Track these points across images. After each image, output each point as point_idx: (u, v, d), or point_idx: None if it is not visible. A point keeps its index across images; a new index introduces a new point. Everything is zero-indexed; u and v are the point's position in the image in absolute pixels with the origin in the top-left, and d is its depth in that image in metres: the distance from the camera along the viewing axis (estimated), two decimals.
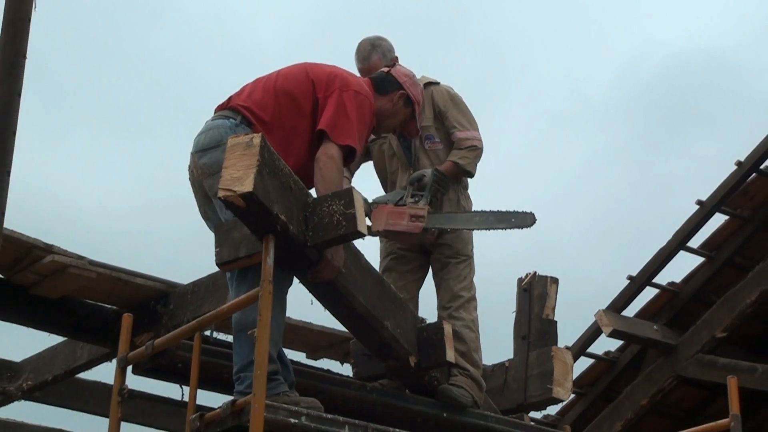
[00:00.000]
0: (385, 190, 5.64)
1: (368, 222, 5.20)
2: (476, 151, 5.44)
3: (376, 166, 5.71)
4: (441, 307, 5.41)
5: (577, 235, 23.46)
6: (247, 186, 3.74)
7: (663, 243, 8.22)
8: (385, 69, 5.04)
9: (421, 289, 5.59)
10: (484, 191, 5.76)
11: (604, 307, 8.19)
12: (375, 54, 5.44)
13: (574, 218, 23.83)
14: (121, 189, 23.97)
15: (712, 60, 25.73)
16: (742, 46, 27.14)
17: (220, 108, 4.66)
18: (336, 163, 4.41)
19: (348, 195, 4.09)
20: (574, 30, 27.69)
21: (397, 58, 5.46)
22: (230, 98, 4.67)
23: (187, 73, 26.21)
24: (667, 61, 26.29)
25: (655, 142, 24.93)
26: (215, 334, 4.88)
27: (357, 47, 5.56)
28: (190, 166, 4.60)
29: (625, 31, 28.12)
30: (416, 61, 5.40)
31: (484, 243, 5.71)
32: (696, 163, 23.54)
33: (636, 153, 25.51)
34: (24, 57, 4.02)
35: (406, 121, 5.01)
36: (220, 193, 3.79)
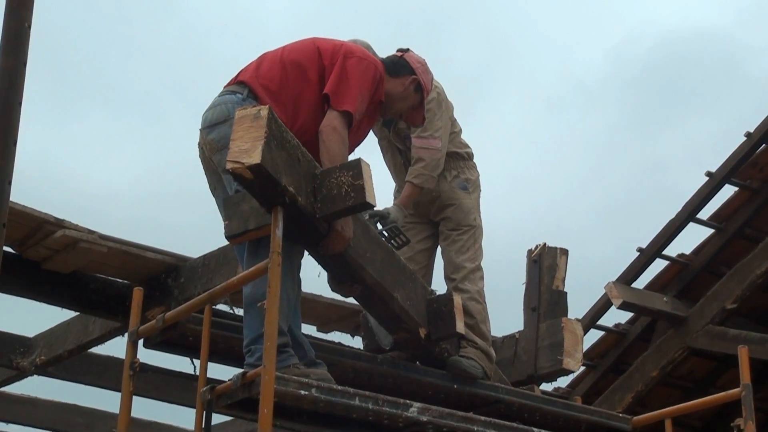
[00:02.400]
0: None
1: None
2: (423, 162, 5.33)
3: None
4: (446, 278, 5.42)
5: (582, 211, 23.51)
6: (255, 158, 3.74)
7: (671, 215, 8.22)
8: (399, 53, 5.03)
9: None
10: (483, 174, 5.76)
11: (614, 279, 8.20)
12: None
13: (576, 197, 23.91)
14: (131, 176, 24.04)
15: (706, 38, 25.73)
16: (736, 24, 27.14)
17: (228, 85, 4.69)
18: (339, 134, 4.41)
19: (356, 166, 4.09)
20: (567, 12, 27.67)
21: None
22: (237, 74, 4.70)
23: (198, 62, 26.29)
24: (662, 40, 26.29)
25: (650, 121, 24.98)
26: (224, 308, 4.91)
27: None
28: (199, 143, 4.62)
29: (619, 11, 28.08)
30: (414, 49, 5.34)
31: (492, 226, 5.73)
32: (691, 140, 23.60)
33: (632, 132, 25.57)
34: (29, 27, 4.00)
35: (413, 108, 4.99)
36: (228, 165, 3.79)
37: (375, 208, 5.07)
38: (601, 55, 27.77)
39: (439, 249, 5.58)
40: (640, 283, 8.41)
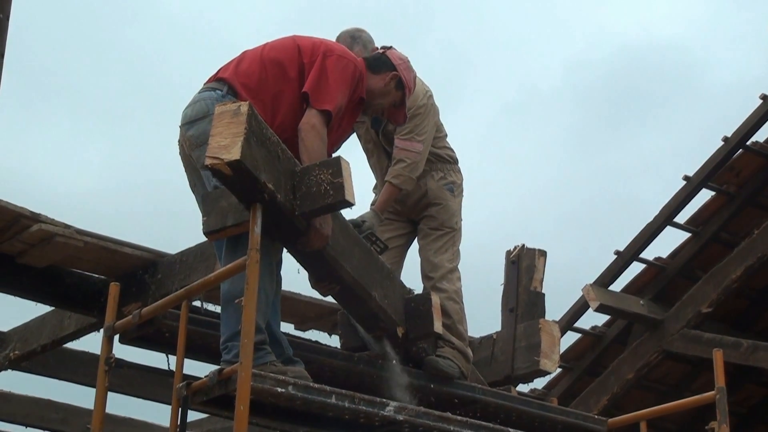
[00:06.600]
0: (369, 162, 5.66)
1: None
2: (404, 163, 5.33)
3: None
4: (424, 277, 5.41)
5: (543, 215, 23.66)
6: (235, 154, 3.72)
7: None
8: (381, 50, 5.03)
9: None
10: None
11: (591, 282, 8.23)
12: (356, 46, 5.35)
13: (538, 201, 24.09)
14: (96, 177, 23.94)
15: (663, 50, 26.00)
16: (692, 38, 27.55)
17: (208, 81, 4.67)
18: (318, 132, 4.41)
19: (336, 164, 4.08)
20: (525, 19, 27.82)
21: (377, 48, 5.41)
22: (217, 71, 4.69)
23: (159, 64, 26.28)
24: (620, 50, 26.58)
25: (606, 129, 25.27)
26: (204, 305, 4.88)
27: (336, 40, 5.47)
28: (179, 140, 4.60)
29: (577, 22, 28.33)
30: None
31: (470, 223, 5.75)
32: (646, 149, 23.82)
33: (588, 139, 25.87)
34: (7, 18, 3.99)
35: (395, 107, 4.97)
36: (207, 161, 3.77)
37: (350, 218, 5.06)
38: (558, 62, 28.04)
39: (415, 248, 5.57)
40: (617, 286, 8.46)
